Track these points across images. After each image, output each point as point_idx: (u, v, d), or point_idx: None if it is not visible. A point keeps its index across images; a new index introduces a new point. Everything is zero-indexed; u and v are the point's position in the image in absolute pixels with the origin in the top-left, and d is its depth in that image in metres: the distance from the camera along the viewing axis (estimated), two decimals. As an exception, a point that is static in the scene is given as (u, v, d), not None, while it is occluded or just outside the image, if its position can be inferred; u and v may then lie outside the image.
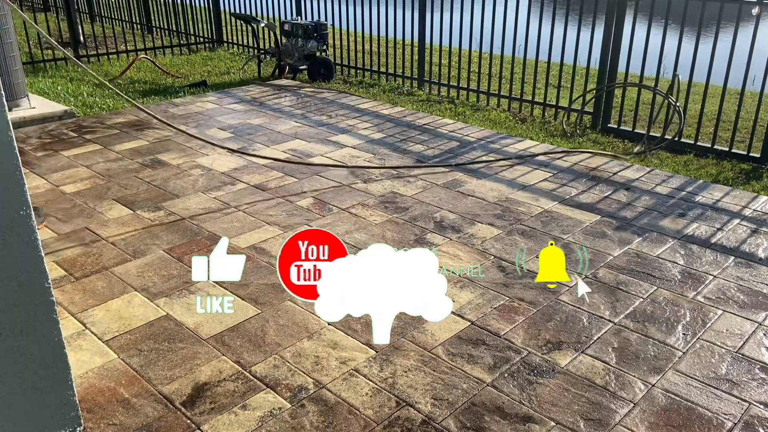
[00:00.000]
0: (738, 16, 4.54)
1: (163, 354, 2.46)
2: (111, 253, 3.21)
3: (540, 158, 4.59)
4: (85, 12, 10.45)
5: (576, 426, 2.11)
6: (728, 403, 2.22)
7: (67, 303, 2.78)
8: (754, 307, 2.79)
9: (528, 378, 2.34)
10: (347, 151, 4.71)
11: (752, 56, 4.42)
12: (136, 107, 3.68)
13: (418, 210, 3.72)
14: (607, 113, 5.32)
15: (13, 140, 1.67)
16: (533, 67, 5.77)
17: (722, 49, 4.58)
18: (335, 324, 2.65)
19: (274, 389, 2.27)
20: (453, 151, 4.72)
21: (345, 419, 2.13)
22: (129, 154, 4.59)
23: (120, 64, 7.56)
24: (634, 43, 4.99)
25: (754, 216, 3.69)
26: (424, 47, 6.53)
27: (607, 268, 3.10)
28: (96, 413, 2.16)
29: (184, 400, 2.22)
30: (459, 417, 2.15)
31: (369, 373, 2.36)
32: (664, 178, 4.24)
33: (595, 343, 2.54)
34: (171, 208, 3.71)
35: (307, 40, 6.86)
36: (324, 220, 3.58)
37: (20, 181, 1.71)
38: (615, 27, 5.06)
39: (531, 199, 3.89)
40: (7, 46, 5.19)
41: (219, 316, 2.70)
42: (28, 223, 1.75)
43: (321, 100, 6.15)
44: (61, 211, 3.68)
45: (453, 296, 2.85)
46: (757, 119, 4.64)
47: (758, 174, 4.38)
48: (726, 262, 3.16)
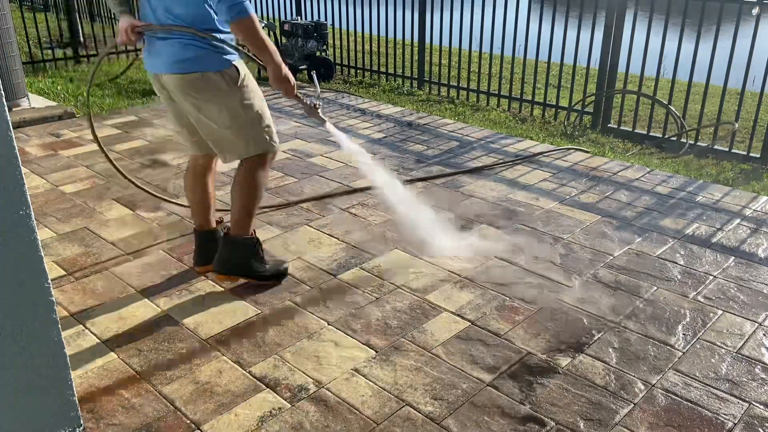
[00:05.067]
0: (738, 16, 4.54)
1: (163, 354, 2.46)
2: (111, 253, 3.21)
3: (540, 158, 4.58)
4: (85, 12, 10.45)
5: (576, 426, 2.11)
6: (728, 403, 2.22)
7: (67, 303, 2.78)
8: (754, 307, 2.79)
9: (528, 378, 2.34)
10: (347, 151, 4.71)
11: (752, 56, 4.42)
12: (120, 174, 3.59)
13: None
14: (607, 114, 5.33)
15: (13, 140, 1.67)
16: (533, 67, 5.77)
17: (722, 49, 4.58)
18: (335, 324, 2.65)
19: (274, 389, 2.27)
20: (453, 151, 4.72)
21: (345, 419, 2.13)
22: (129, 154, 4.59)
23: (120, 64, 7.56)
24: (634, 43, 4.99)
25: (754, 216, 3.69)
26: (424, 47, 6.53)
27: (607, 268, 3.10)
28: (96, 413, 2.16)
29: (184, 400, 2.22)
30: (459, 417, 2.15)
31: (369, 373, 2.36)
32: (664, 178, 4.24)
33: (595, 343, 2.54)
34: (171, 208, 3.71)
35: (307, 40, 6.86)
36: (324, 220, 3.58)
37: (20, 181, 1.71)
38: (615, 27, 5.07)
39: (531, 198, 3.89)
40: (7, 46, 5.19)
41: (219, 316, 2.70)
42: (28, 223, 1.75)
43: (321, 100, 6.14)
44: (61, 211, 3.68)
45: (453, 296, 2.85)
46: (757, 119, 4.64)
47: (758, 174, 4.38)
48: (726, 262, 3.16)
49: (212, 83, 2.52)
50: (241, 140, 2.64)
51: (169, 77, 2.54)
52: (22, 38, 7.97)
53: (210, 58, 2.50)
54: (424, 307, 2.77)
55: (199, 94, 2.53)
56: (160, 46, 2.52)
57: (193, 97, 2.55)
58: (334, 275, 3.02)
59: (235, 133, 2.62)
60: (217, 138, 2.66)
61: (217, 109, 2.56)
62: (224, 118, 2.58)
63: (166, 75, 2.55)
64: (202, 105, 2.56)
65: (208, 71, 2.50)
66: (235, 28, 2.40)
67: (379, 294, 2.87)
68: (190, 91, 2.53)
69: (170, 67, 2.51)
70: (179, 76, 2.51)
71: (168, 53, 2.50)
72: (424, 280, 2.98)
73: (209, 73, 2.50)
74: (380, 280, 2.98)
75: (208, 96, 2.54)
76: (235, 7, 2.33)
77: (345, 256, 3.19)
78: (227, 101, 2.56)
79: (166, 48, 2.50)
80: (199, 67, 2.49)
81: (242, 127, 2.62)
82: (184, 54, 2.47)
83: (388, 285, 2.94)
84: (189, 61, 2.48)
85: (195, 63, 2.48)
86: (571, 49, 5.38)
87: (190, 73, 2.49)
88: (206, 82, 2.51)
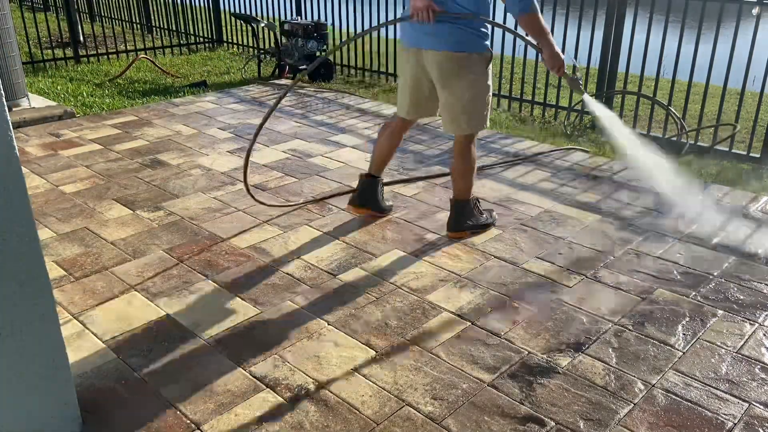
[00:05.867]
0: (738, 16, 4.54)
1: (163, 354, 2.46)
2: (111, 253, 3.21)
3: (540, 158, 4.59)
4: (85, 12, 10.45)
5: (576, 426, 2.11)
6: (728, 403, 2.22)
7: (67, 303, 2.78)
8: (754, 307, 2.79)
9: (528, 378, 2.34)
10: (347, 151, 4.71)
11: (752, 56, 4.42)
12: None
13: (418, 210, 3.72)
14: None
15: (13, 140, 1.67)
16: (533, 67, 5.77)
17: (722, 49, 4.58)
18: (335, 324, 2.65)
19: (274, 389, 2.27)
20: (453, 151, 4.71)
21: (345, 419, 2.13)
22: (129, 154, 4.59)
23: (120, 63, 7.56)
24: (634, 43, 4.99)
25: (754, 216, 3.69)
26: (424, 47, 6.51)
27: (607, 268, 3.10)
28: (96, 413, 2.15)
29: (184, 400, 2.22)
30: (459, 417, 2.15)
31: (369, 373, 2.36)
32: (664, 178, 4.24)
33: (595, 343, 2.54)
34: (171, 208, 3.71)
35: (307, 40, 6.86)
36: (324, 220, 3.59)
37: (20, 181, 1.71)
38: (615, 27, 5.06)
39: (531, 198, 3.89)
40: (7, 46, 5.19)
41: (219, 316, 2.70)
42: (28, 223, 1.75)
43: (321, 100, 6.15)
44: (61, 211, 3.68)
45: (453, 296, 2.85)
46: (757, 119, 4.64)
47: (758, 174, 4.38)
48: (726, 262, 3.16)
49: (473, 62, 3.08)
50: (466, 115, 3.17)
51: (436, 53, 3.07)
52: (22, 38, 7.97)
53: (477, 42, 3.06)
54: (424, 307, 2.77)
55: (461, 69, 3.07)
56: (439, 28, 3.02)
57: (451, 72, 3.08)
58: (334, 275, 3.02)
59: (469, 108, 3.15)
60: (450, 109, 3.18)
61: (466, 84, 3.11)
62: (467, 94, 3.12)
63: (434, 51, 3.07)
64: (455, 79, 3.10)
65: (474, 52, 3.06)
66: (523, 19, 2.99)
67: (379, 294, 2.87)
68: (453, 65, 3.06)
69: (443, 45, 3.04)
70: (449, 53, 3.04)
71: (445, 33, 3.02)
72: (424, 280, 2.98)
73: (474, 54, 3.07)
74: (380, 280, 2.98)
75: (465, 72, 3.08)
76: (525, 2, 2.93)
77: (345, 256, 3.19)
78: (477, 79, 3.12)
79: (444, 29, 3.02)
80: (468, 48, 3.05)
81: (475, 104, 3.16)
82: (460, 37, 3.02)
83: (388, 285, 2.94)
84: (462, 43, 3.03)
85: (466, 45, 3.04)
86: (571, 49, 5.38)
87: (460, 52, 3.04)
88: (469, 61, 3.07)
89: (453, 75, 3.08)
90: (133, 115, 5.59)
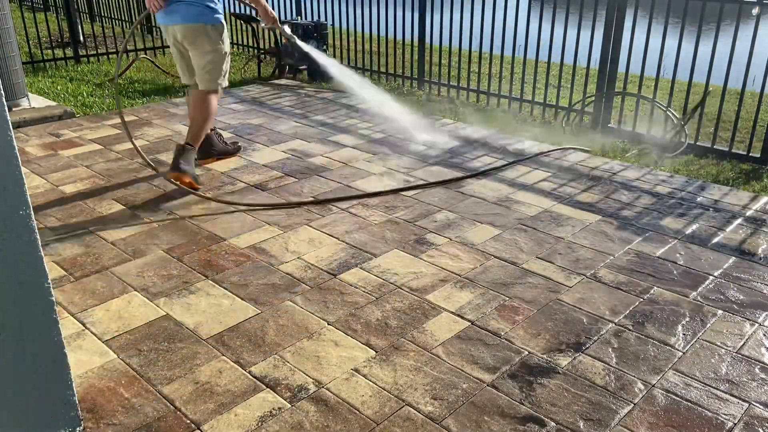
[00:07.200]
0: (738, 16, 4.54)
1: (163, 354, 2.46)
2: (111, 253, 3.21)
3: (540, 158, 4.59)
4: (85, 12, 10.45)
5: (576, 426, 2.11)
6: (728, 403, 2.22)
7: (67, 303, 2.78)
8: (754, 307, 2.79)
9: (528, 378, 2.34)
10: (347, 151, 4.71)
11: (752, 56, 4.42)
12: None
13: (418, 210, 3.72)
14: (607, 114, 5.32)
15: (13, 140, 1.67)
16: (533, 67, 5.77)
17: (722, 49, 4.58)
18: (335, 324, 2.65)
19: (274, 389, 2.27)
20: (453, 151, 4.72)
21: (345, 419, 2.13)
22: (129, 154, 4.59)
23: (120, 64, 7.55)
24: (634, 43, 4.99)
25: (754, 216, 3.69)
26: (424, 47, 6.52)
27: (607, 268, 3.11)
28: (96, 413, 2.16)
29: (184, 400, 2.22)
30: (459, 417, 2.15)
31: (369, 373, 2.36)
32: (664, 178, 4.24)
33: (595, 343, 2.54)
34: (171, 208, 3.71)
35: (307, 40, 6.85)
36: (324, 220, 3.59)
37: (20, 181, 1.71)
38: (615, 27, 5.06)
39: (531, 198, 3.89)
40: (7, 45, 5.19)
41: (219, 316, 2.70)
42: (28, 223, 1.75)
43: (321, 100, 6.15)
44: (61, 211, 3.68)
45: (453, 296, 2.85)
46: (757, 119, 4.64)
47: (758, 174, 4.38)
48: (726, 262, 3.16)
49: (208, 31, 3.86)
50: (208, 74, 3.97)
51: (179, 27, 3.86)
52: (22, 38, 7.98)
53: (208, 15, 3.85)
54: (424, 307, 2.77)
55: (196, 38, 3.88)
56: (176, 7, 3.81)
57: (192, 40, 3.89)
58: (334, 275, 3.02)
59: (209, 67, 3.95)
60: (198, 71, 3.99)
61: (205, 50, 3.91)
62: (207, 57, 3.92)
63: (178, 25, 3.85)
64: (197, 46, 3.90)
65: (208, 24, 3.85)
66: None
67: (379, 294, 2.87)
68: (191, 35, 3.87)
69: (182, 19, 3.82)
70: (187, 25, 3.84)
71: (181, 11, 3.81)
72: (424, 280, 2.98)
73: (208, 26, 3.86)
74: (380, 280, 2.98)
75: (202, 41, 3.88)
76: None
77: (345, 256, 3.19)
78: (213, 45, 3.91)
79: (180, 7, 3.81)
80: (201, 20, 3.83)
81: (214, 64, 3.95)
82: (192, 11, 3.80)
83: (388, 285, 2.94)
84: (194, 16, 3.81)
85: (198, 17, 3.82)
86: (571, 49, 5.38)
87: (195, 23, 3.83)
88: (205, 30, 3.85)
89: (194, 43, 3.88)
90: (133, 115, 5.59)
